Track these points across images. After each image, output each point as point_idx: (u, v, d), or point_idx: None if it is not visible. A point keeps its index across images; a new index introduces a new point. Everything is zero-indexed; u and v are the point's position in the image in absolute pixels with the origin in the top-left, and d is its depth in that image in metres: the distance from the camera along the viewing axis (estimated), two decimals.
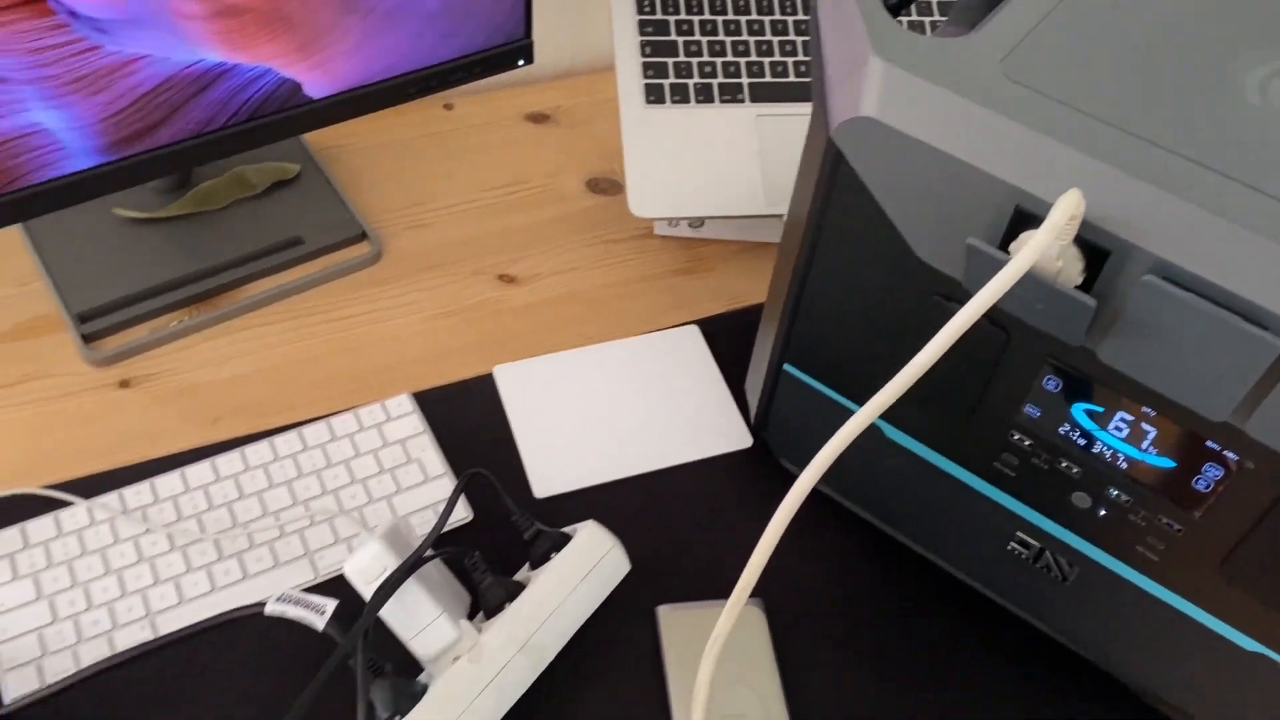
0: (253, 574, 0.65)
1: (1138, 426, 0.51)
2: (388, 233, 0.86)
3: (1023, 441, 0.56)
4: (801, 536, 0.69)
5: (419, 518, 0.68)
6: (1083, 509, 0.56)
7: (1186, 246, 0.44)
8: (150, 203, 0.82)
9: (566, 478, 0.71)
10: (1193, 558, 0.53)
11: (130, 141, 0.69)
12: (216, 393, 0.74)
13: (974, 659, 0.65)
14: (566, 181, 0.92)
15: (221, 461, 0.69)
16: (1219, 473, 0.50)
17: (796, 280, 0.60)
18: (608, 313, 0.82)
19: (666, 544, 0.69)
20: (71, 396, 0.73)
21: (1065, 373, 0.52)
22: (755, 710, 0.61)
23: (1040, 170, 0.46)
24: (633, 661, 0.64)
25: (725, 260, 0.87)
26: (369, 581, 0.57)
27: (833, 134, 0.51)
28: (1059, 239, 0.44)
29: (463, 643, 0.58)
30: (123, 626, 0.62)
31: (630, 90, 0.82)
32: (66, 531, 0.65)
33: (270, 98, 0.73)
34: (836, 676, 0.64)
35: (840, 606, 0.67)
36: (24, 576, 0.63)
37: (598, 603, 0.62)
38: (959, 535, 0.63)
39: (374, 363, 0.77)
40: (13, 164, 0.66)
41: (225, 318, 0.78)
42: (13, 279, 0.79)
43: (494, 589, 0.61)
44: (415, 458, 0.71)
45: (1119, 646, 0.60)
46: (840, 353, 0.61)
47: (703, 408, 0.76)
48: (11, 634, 0.61)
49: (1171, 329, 0.45)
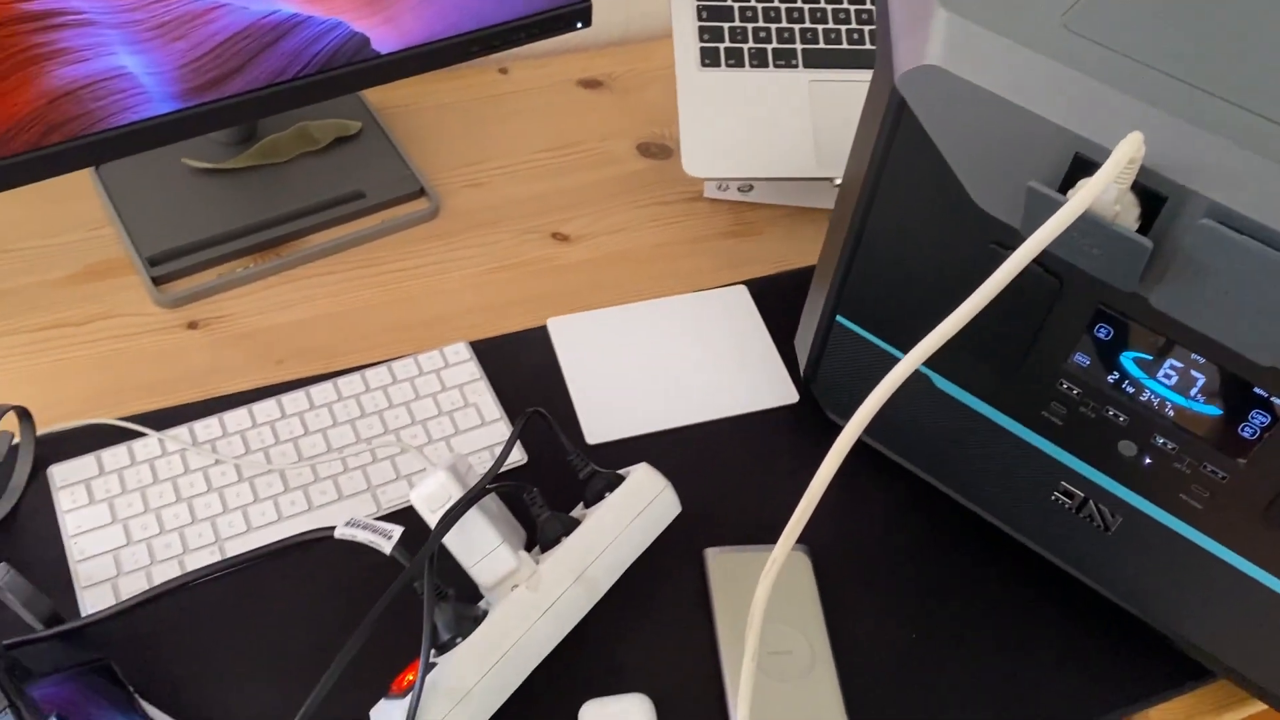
0: (317, 505, 0.67)
1: (1186, 374, 0.53)
2: (445, 190, 0.88)
3: (1071, 390, 0.58)
4: (847, 486, 0.71)
5: (476, 459, 0.70)
6: (1128, 458, 0.58)
7: (1242, 191, 0.45)
8: (218, 154, 0.85)
9: (618, 425, 0.73)
10: (1237, 505, 0.55)
11: (206, 89, 0.72)
12: (280, 336, 0.77)
13: (1014, 609, 0.67)
14: (618, 145, 0.94)
15: (287, 400, 0.72)
16: (1265, 420, 0.51)
17: (854, 230, 0.61)
18: (657, 272, 0.84)
19: (713, 492, 0.71)
20: (142, 336, 0.76)
21: (1116, 320, 0.53)
22: (801, 648, 0.63)
23: (1099, 117, 0.48)
24: (681, 600, 0.66)
25: (773, 224, 0.89)
26: (434, 509, 0.60)
27: (897, 82, 0.53)
28: (1118, 182, 0.46)
29: (521, 572, 0.60)
30: (193, 551, 0.65)
31: (686, 53, 0.84)
32: (139, 460, 0.68)
33: (340, 50, 0.75)
34: (879, 621, 0.66)
35: (884, 554, 0.69)
36: (99, 501, 0.66)
37: (649, 541, 0.64)
38: (1003, 486, 0.65)
39: (431, 313, 0.79)
40: (97, 106, 0.68)
41: (288, 266, 0.81)
42: (86, 224, 0.82)
43: (551, 523, 0.63)
44: (472, 402, 0.73)
45: (1159, 596, 0.62)
46: (894, 304, 0.63)
47: (750, 363, 0.78)
48: (88, 554, 0.64)
49: (1225, 273, 0.47)
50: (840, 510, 0.70)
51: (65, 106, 0.67)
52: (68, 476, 0.67)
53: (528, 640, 0.58)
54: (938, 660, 0.65)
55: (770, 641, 0.63)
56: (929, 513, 0.71)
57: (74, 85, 0.66)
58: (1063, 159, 0.49)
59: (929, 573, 0.68)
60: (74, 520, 0.65)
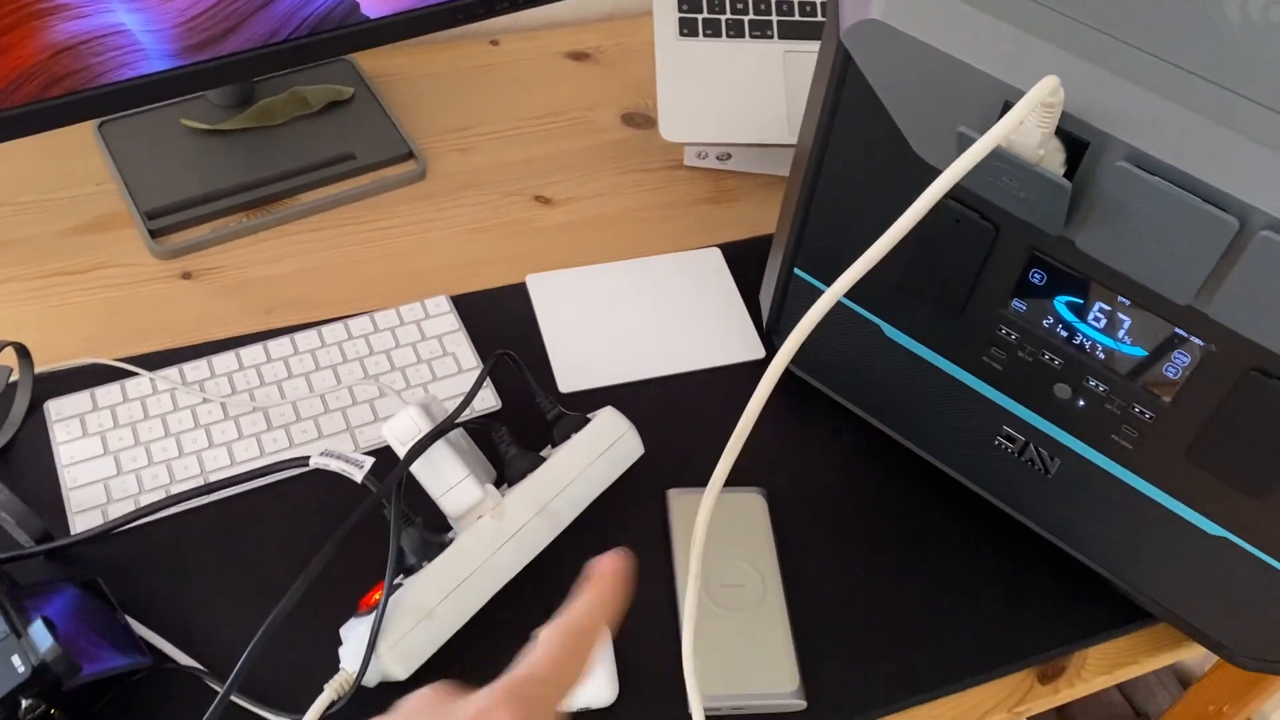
0: (298, 443, 0.70)
1: (1114, 316, 0.56)
2: (432, 154, 0.91)
3: (1010, 335, 0.60)
4: (803, 433, 0.74)
5: (451, 404, 0.74)
6: (1063, 400, 0.60)
7: (1158, 137, 0.48)
8: (215, 116, 0.88)
9: (590, 375, 0.76)
10: (1164, 444, 0.58)
11: (201, 48, 0.75)
12: (270, 287, 0.80)
13: (960, 551, 0.70)
14: (602, 114, 0.97)
15: (273, 345, 0.75)
16: (1186, 359, 0.54)
17: (807, 184, 0.64)
18: (636, 235, 0.87)
19: (679, 438, 0.74)
20: (139, 284, 0.80)
21: (1048, 264, 0.56)
22: (753, 581, 0.66)
23: (1026, 67, 0.51)
24: (643, 537, 0.69)
25: (750, 192, 0.92)
26: (404, 442, 0.63)
27: (842, 36, 0.56)
28: (1040, 126, 0.49)
29: (486, 503, 0.63)
30: (179, 482, 0.68)
31: (665, 23, 0.87)
32: (131, 398, 0.71)
33: (330, 14, 0.79)
34: (830, 560, 0.69)
35: (838, 500, 0.72)
36: (92, 434, 0.70)
37: (612, 479, 0.67)
38: (951, 432, 0.68)
39: (415, 268, 0.83)
40: (96, 61, 0.72)
41: (280, 221, 0.84)
42: (89, 179, 0.86)
43: (518, 460, 0.66)
44: (450, 351, 0.76)
45: (1097, 538, 0.65)
46: (847, 254, 0.66)
47: (720, 321, 0.81)
48: (80, 482, 0.67)
49: (1142, 213, 0.49)
50: (796, 456, 0.73)
51: (66, 61, 0.71)
52: (63, 411, 0.70)
53: (490, 566, 0.61)
54: (885, 598, 0.68)
55: (724, 575, 0.66)
56: (881, 459, 0.73)
57: (74, 40, 0.70)
58: (993, 108, 0.52)
59: (879, 516, 0.71)
60: (68, 451, 0.69)
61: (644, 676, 0.63)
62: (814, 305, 0.51)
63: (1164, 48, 0.50)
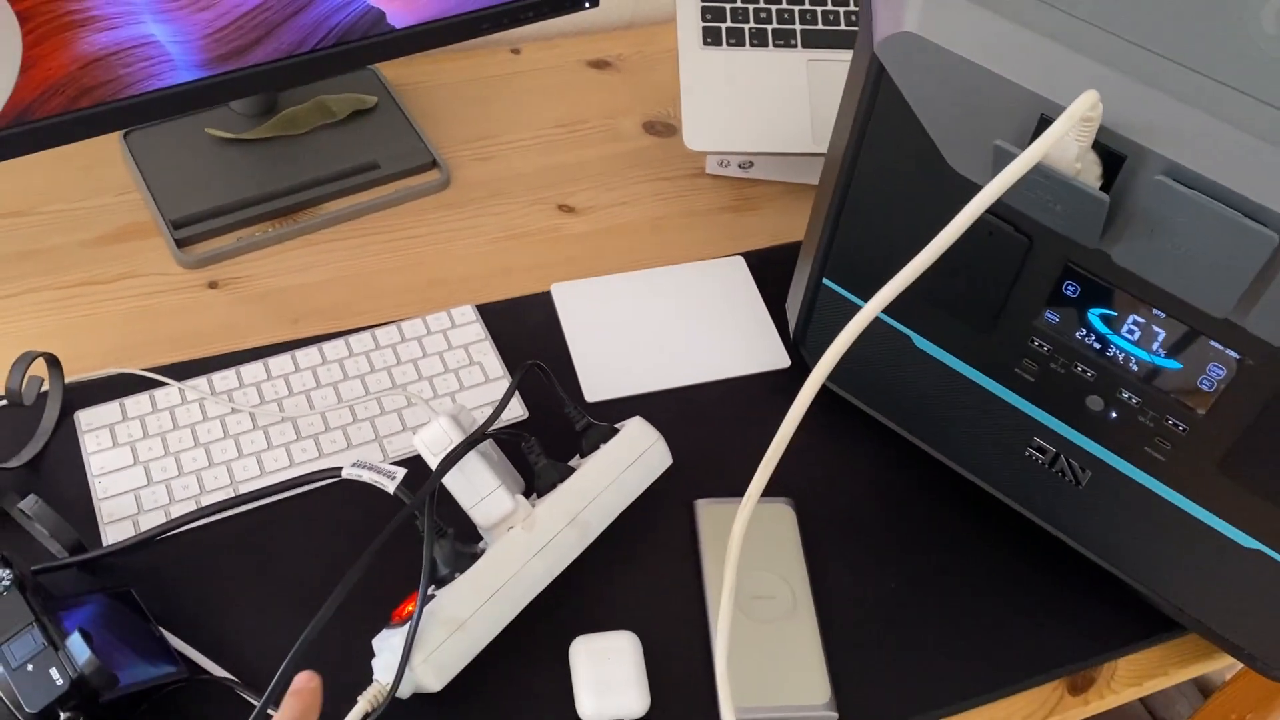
0: (327, 453, 0.71)
1: (1148, 329, 0.55)
2: (456, 163, 0.92)
3: (1042, 347, 0.60)
4: (832, 444, 0.74)
5: (479, 414, 0.74)
6: (1096, 412, 0.60)
7: (1196, 150, 0.48)
8: (239, 125, 0.89)
9: (616, 385, 0.77)
10: (1197, 456, 0.58)
11: (228, 58, 0.76)
12: (296, 296, 0.81)
13: (989, 562, 0.70)
14: (624, 123, 0.97)
15: (301, 355, 0.75)
16: (1221, 372, 0.54)
17: (838, 195, 0.64)
18: (658, 243, 0.87)
19: (706, 448, 0.74)
20: (165, 294, 0.80)
21: (1082, 277, 0.56)
22: (783, 593, 0.66)
23: (1063, 80, 0.51)
24: (672, 547, 0.69)
25: (771, 200, 0.92)
26: (435, 453, 0.63)
27: (876, 48, 0.56)
28: (1078, 140, 0.49)
29: (517, 514, 0.64)
30: (209, 492, 0.68)
31: (689, 32, 0.87)
32: (160, 408, 0.72)
33: (356, 24, 0.79)
34: (859, 571, 0.69)
35: (866, 509, 0.72)
36: (122, 444, 0.70)
37: (641, 489, 0.67)
38: (981, 443, 0.68)
39: (440, 277, 0.83)
40: (125, 72, 0.72)
41: (305, 231, 0.85)
42: (114, 189, 0.86)
43: (547, 471, 0.66)
44: (477, 361, 0.77)
45: (1128, 549, 0.65)
46: (877, 265, 0.66)
47: (744, 330, 0.81)
48: (111, 493, 0.68)
49: (1180, 227, 0.49)
50: (825, 466, 0.73)
51: (96, 72, 0.71)
52: (93, 421, 0.71)
53: (521, 577, 0.61)
54: (914, 609, 0.68)
55: (754, 587, 0.66)
56: (910, 469, 0.73)
57: (104, 51, 0.70)
58: (1029, 121, 0.52)
59: (909, 526, 0.71)
60: (98, 461, 0.69)
61: (675, 688, 0.63)
62: (852, 320, 0.51)
63: (1200, 60, 0.50)
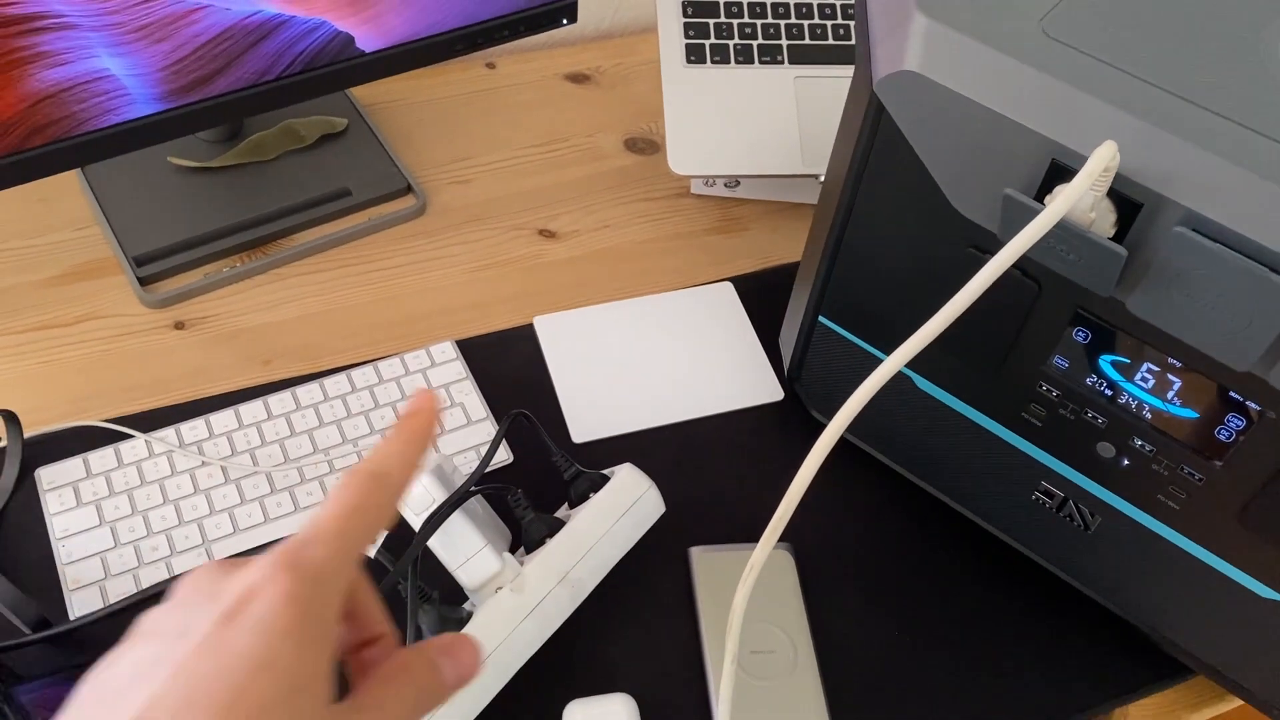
0: (304, 507, 0.67)
1: (1163, 377, 0.53)
2: (431, 187, 0.88)
3: (1050, 392, 0.58)
4: (830, 485, 0.72)
5: (461, 459, 0.71)
6: (1107, 459, 0.58)
7: (1217, 199, 0.46)
8: (204, 153, 0.85)
9: (604, 424, 0.74)
10: (1213, 507, 0.55)
11: (189, 90, 0.72)
12: (268, 336, 0.77)
13: (996, 606, 0.68)
14: (605, 141, 0.94)
15: (273, 400, 0.72)
16: (1241, 423, 0.52)
17: (835, 233, 0.62)
18: (643, 268, 0.84)
19: (699, 490, 0.71)
20: (128, 337, 0.76)
21: (1094, 324, 0.54)
22: (784, 647, 0.64)
23: (1076, 124, 0.48)
24: (666, 600, 0.66)
25: (759, 220, 0.89)
26: (418, 513, 0.60)
27: (876, 87, 0.53)
28: (1093, 190, 0.46)
29: (505, 573, 0.61)
30: (180, 553, 0.65)
31: (671, 50, 0.84)
32: (126, 463, 0.68)
33: (324, 50, 0.75)
34: (861, 619, 0.66)
35: (867, 553, 0.69)
36: (86, 503, 0.66)
37: (634, 541, 0.64)
38: (985, 486, 0.65)
39: (418, 311, 0.80)
40: (80, 108, 0.68)
41: (276, 264, 0.81)
42: (71, 223, 0.82)
43: (535, 524, 0.63)
44: (458, 402, 0.73)
45: (1138, 594, 0.62)
46: (875, 306, 0.63)
47: (735, 361, 0.78)
48: (76, 557, 0.64)
49: (1200, 280, 0.47)
50: (824, 509, 0.71)
51: (48, 109, 0.67)
52: (55, 479, 0.67)
53: (512, 642, 0.59)
54: (920, 657, 0.65)
55: (753, 641, 0.64)
56: (912, 511, 0.71)
57: (56, 88, 0.66)
58: (1039, 165, 0.49)
59: (912, 570, 0.69)
60: (61, 523, 0.65)
61: None
62: (869, 379, 0.48)
63: (1217, 100, 0.47)
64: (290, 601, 0.30)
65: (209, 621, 0.30)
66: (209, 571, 0.32)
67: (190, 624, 0.30)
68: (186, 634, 0.30)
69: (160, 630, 0.31)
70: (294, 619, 0.30)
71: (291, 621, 0.30)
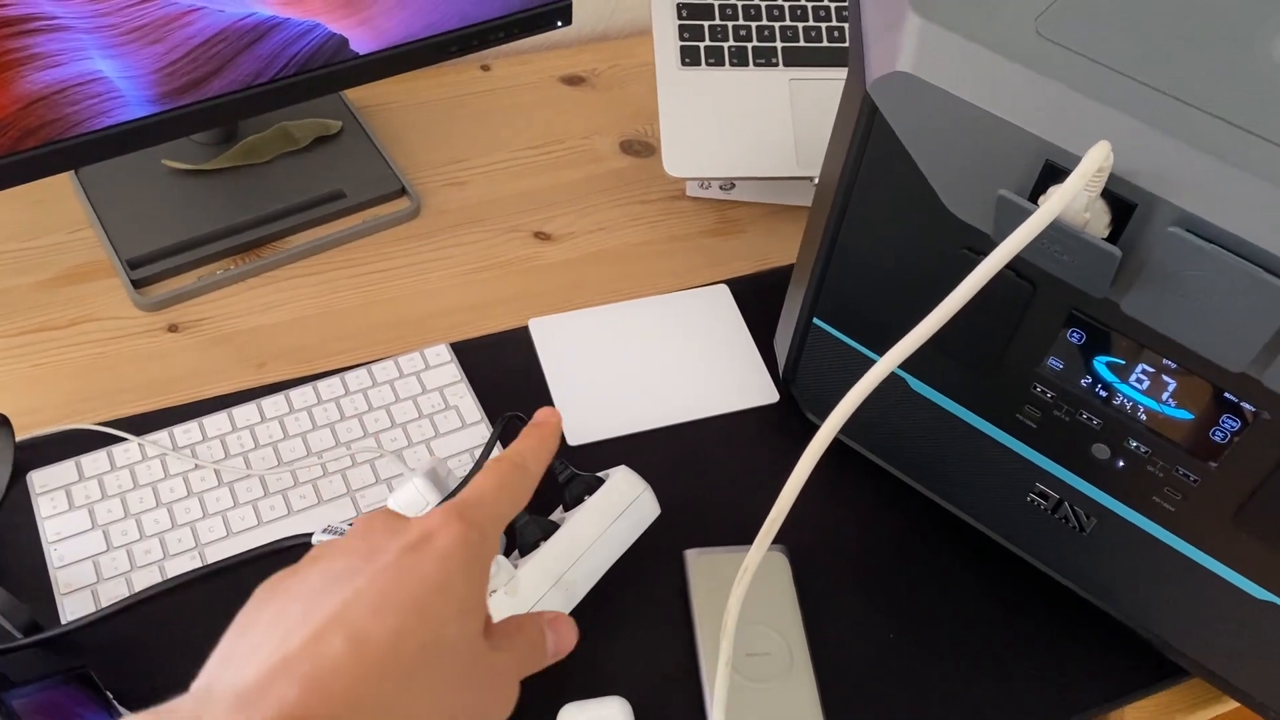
0: (297, 510, 0.67)
1: (1158, 379, 0.53)
2: (426, 189, 0.88)
3: (1045, 394, 0.58)
4: (825, 487, 0.71)
5: (456, 462, 0.71)
6: (1102, 460, 0.58)
7: (1211, 200, 0.45)
8: (197, 155, 0.85)
9: (599, 426, 0.73)
10: (1208, 508, 0.55)
11: (183, 92, 0.72)
12: (262, 338, 0.77)
13: (991, 608, 0.67)
14: (600, 143, 0.93)
15: (267, 403, 0.72)
16: (1236, 424, 0.52)
17: (829, 234, 0.61)
18: (639, 271, 0.84)
19: (694, 492, 0.71)
20: (122, 339, 0.76)
21: (1088, 325, 0.54)
22: (779, 649, 0.63)
23: (1070, 125, 0.48)
24: (661, 602, 0.66)
25: (755, 222, 0.89)
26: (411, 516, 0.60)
27: (869, 88, 0.53)
28: (1087, 190, 0.46)
29: (499, 577, 0.60)
30: (173, 556, 0.65)
31: (666, 52, 0.84)
32: (119, 466, 0.68)
33: (318, 52, 0.75)
34: (856, 621, 0.66)
35: (862, 555, 0.69)
36: (79, 507, 0.66)
37: (628, 543, 0.64)
38: (980, 487, 0.65)
39: (412, 313, 0.79)
40: (72, 110, 0.68)
41: (270, 267, 0.81)
42: (65, 226, 0.82)
43: (529, 527, 0.63)
44: (453, 404, 0.73)
45: (1134, 596, 0.62)
46: (869, 307, 0.63)
47: (731, 363, 0.78)
48: (68, 560, 0.64)
49: (1194, 280, 0.47)
50: (819, 510, 0.70)
51: (40, 111, 0.67)
52: (47, 482, 0.67)
53: None
54: (915, 659, 0.65)
55: (748, 643, 0.63)
56: (907, 513, 0.71)
57: (49, 90, 0.66)
58: (1033, 166, 0.49)
59: (907, 572, 0.69)
60: (53, 526, 0.65)
61: None
62: (860, 381, 0.48)
63: (1211, 100, 0.47)
64: (463, 542, 0.37)
65: (397, 548, 0.36)
66: (385, 515, 0.39)
67: (378, 548, 0.37)
68: (374, 555, 0.36)
69: (348, 550, 0.37)
70: (466, 557, 0.37)
71: (464, 558, 0.37)
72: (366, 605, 0.34)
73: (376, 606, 0.35)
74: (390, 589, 0.35)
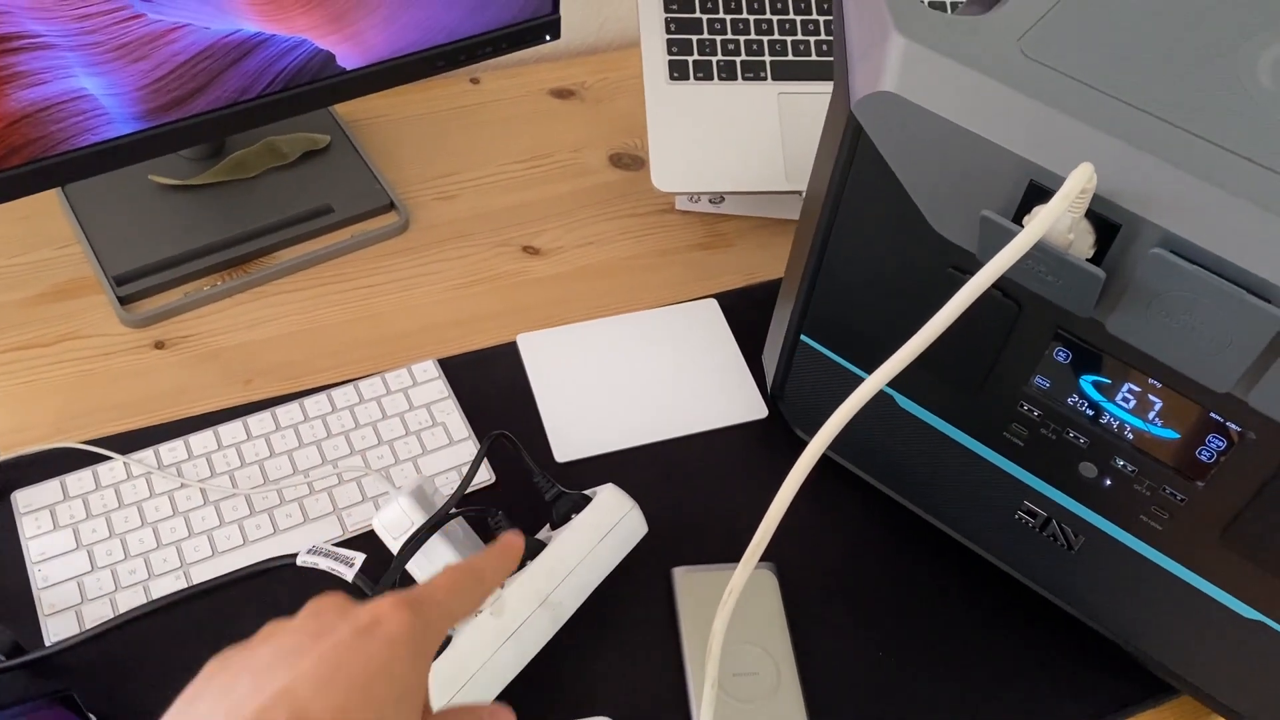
0: (283, 529, 0.67)
1: (1144, 398, 0.53)
2: (414, 203, 0.88)
3: (1032, 412, 0.58)
4: (814, 503, 0.71)
5: (443, 479, 0.70)
6: (1089, 479, 0.58)
7: (1195, 221, 0.45)
8: (185, 170, 0.84)
9: (587, 443, 0.73)
10: (1195, 527, 0.55)
11: (169, 109, 0.71)
12: (248, 355, 0.77)
13: (979, 625, 0.67)
14: (590, 156, 0.93)
15: (253, 421, 0.71)
16: (1222, 444, 0.51)
17: (815, 253, 0.61)
18: (628, 285, 0.84)
19: (682, 509, 0.71)
20: (108, 356, 0.76)
21: (1074, 345, 0.53)
22: (767, 668, 0.63)
23: (1054, 145, 0.48)
24: (648, 621, 0.66)
25: (744, 236, 0.89)
26: (396, 536, 0.59)
27: (854, 108, 0.53)
28: (1071, 211, 0.46)
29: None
30: (158, 576, 0.64)
31: (654, 67, 0.84)
32: (104, 485, 0.68)
33: (304, 68, 0.75)
34: (845, 639, 0.66)
35: (850, 572, 0.69)
36: (64, 527, 0.66)
37: (615, 562, 0.64)
38: (968, 504, 0.65)
39: (400, 329, 0.79)
40: (57, 128, 0.68)
41: (257, 283, 0.80)
42: (51, 242, 0.81)
43: None
44: (440, 421, 0.73)
45: (1122, 614, 0.62)
46: (856, 325, 0.63)
47: (719, 379, 0.78)
48: (52, 581, 0.64)
49: (1178, 301, 0.47)
50: (807, 527, 0.70)
51: (25, 129, 0.67)
52: (31, 502, 0.66)
53: (491, 667, 0.58)
54: (904, 677, 0.65)
55: (735, 663, 0.63)
56: (896, 530, 0.71)
57: (33, 108, 0.66)
58: (1017, 186, 0.49)
59: (895, 590, 0.68)
60: (37, 546, 0.65)
61: None
62: (848, 400, 0.48)
63: (1195, 120, 0.47)
64: (410, 631, 0.38)
65: (345, 630, 0.37)
66: (336, 597, 0.40)
67: (327, 628, 0.38)
68: (323, 634, 0.37)
69: (298, 629, 0.38)
70: (412, 645, 0.38)
71: (410, 646, 0.38)
72: (312, 683, 0.36)
73: (322, 684, 0.36)
74: (337, 668, 0.36)
